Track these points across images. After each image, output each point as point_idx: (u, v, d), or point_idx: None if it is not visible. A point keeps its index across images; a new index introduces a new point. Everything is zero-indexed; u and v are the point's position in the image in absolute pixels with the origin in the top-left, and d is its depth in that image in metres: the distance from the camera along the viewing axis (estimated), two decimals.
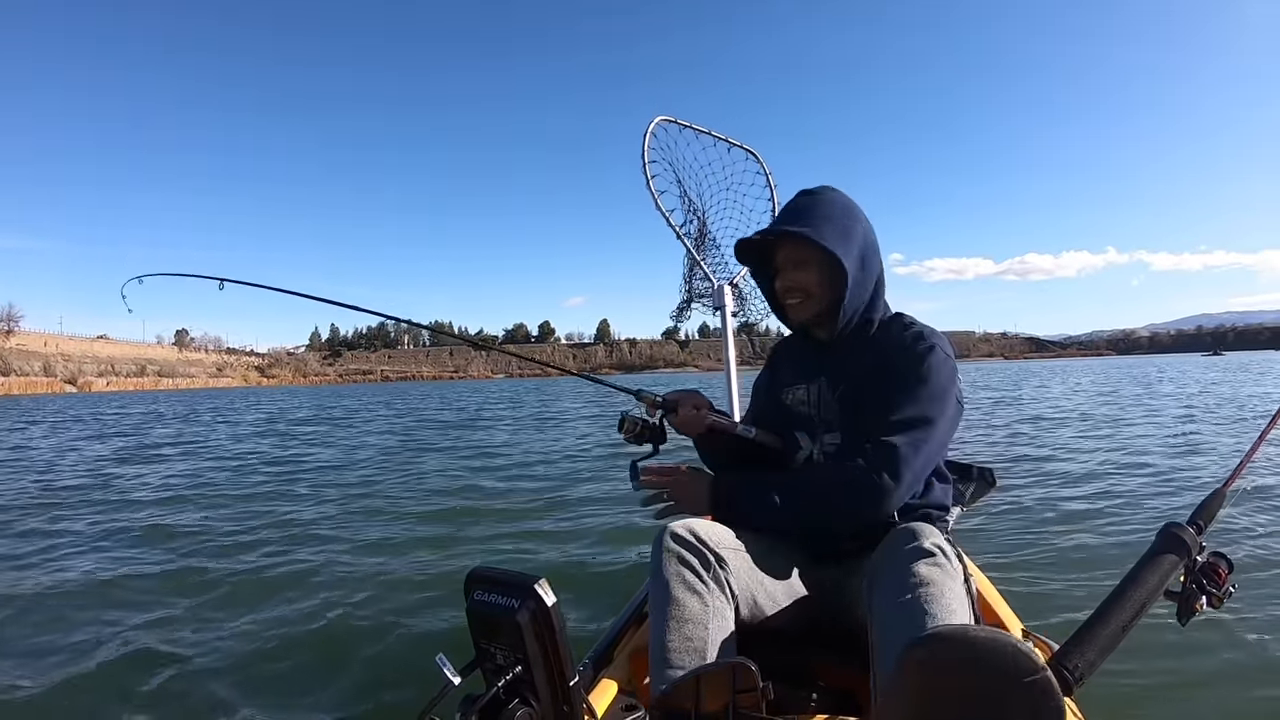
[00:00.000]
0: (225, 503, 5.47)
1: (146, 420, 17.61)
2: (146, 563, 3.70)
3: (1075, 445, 7.15)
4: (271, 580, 3.34)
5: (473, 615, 0.83)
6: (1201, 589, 1.01)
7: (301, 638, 2.64)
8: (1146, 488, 4.91)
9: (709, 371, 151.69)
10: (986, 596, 1.60)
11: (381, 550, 3.87)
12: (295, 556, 3.76)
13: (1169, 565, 1.01)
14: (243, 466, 7.83)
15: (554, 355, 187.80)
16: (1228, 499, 1.09)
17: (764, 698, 0.93)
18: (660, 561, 1.18)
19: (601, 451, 8.09)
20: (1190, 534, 1.03)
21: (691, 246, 2.67)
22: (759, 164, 2.73)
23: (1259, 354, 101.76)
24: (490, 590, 0.82)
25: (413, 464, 7.65)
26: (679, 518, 1.27)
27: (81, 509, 5.30)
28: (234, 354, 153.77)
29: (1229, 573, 1.02)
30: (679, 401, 1.38)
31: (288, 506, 5.23)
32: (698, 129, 2.64)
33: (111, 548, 4.07)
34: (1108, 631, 0.97)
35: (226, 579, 3.35)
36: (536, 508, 4.97)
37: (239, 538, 4.22)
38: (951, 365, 1.25)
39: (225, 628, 2.75)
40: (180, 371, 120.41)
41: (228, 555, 3.82)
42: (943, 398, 1.21)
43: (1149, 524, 3.84)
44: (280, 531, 4.35)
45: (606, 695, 1.22)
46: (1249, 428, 8.04)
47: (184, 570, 3.54)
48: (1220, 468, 5.29)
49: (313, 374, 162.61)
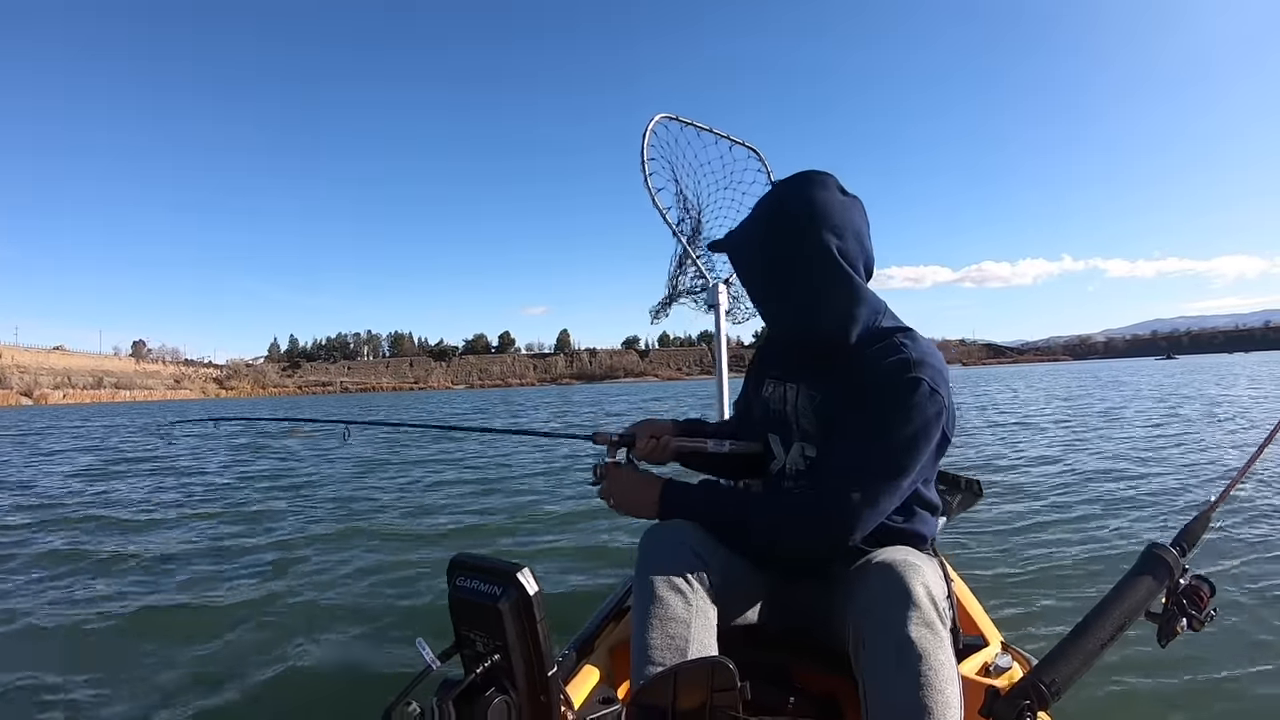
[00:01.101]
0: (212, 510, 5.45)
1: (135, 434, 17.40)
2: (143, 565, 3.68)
3: (1055, 455, 7.18)
4: (258, 562, 3.34)
5: (454, 601, 0.82)
6: (1182, 611, 1.01)
7: (283, 611, 2.64)
8: (1129, 500, 4.94)
9: (669, 380, 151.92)
10: (968, 609, 1.60)
11: (366, 538, 3.86)
12: (275, 539, 3.75)
13: (1150, 586, 1.01)
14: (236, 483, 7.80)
15: (514, 365, 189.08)
16: (1212, 522, 1.09)
17: (742, 697, 0.93)
18: (646, 561, 1.18)
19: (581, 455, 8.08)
20: (1173, 556, 1.03)
21: (686, 243, 2.67)
22: (761, 162, 2.72)
23: (1212, 357, 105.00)
24: (472, 577, 0.81)
25: (400, 473, 7.64)
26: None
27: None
28: (192, 365, 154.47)
29: (1210, 596, 1.02)
30: (635, 435, 1.37)
31: (282, 507, 5.22)
32: (699, 126, 2.62)
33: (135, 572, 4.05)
34: (1086, 648, 0.97)
35: (217, 559, 3.34)
36: (517, 505, 4.98)
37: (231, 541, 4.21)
38: (939, 400, 1.12)
39: (216, 602, 2.74)
40: (138, 383, 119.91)
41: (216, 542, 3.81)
42: (920, 441, 1.12)
43: (1128, 538, 3.87)
44: (265, 522, 4.34)
45: (584, 687, 1.22)
46: (1221, 430, 8.07)
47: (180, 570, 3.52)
48: (1193, 479, 5.32)
49: (271, 385, 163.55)
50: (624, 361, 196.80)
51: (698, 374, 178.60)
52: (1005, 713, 0.95)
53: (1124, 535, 4.02)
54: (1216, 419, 10.24)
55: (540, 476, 6.43)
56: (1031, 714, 0.94)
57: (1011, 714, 0.95)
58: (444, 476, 6.69)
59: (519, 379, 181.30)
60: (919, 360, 1.13)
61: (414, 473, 7.15)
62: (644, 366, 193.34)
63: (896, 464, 1.12)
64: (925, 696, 0.96)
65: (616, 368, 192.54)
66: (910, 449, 1.12)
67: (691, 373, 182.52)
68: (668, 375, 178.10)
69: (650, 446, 1.37)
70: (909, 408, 1.11)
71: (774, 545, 1.18)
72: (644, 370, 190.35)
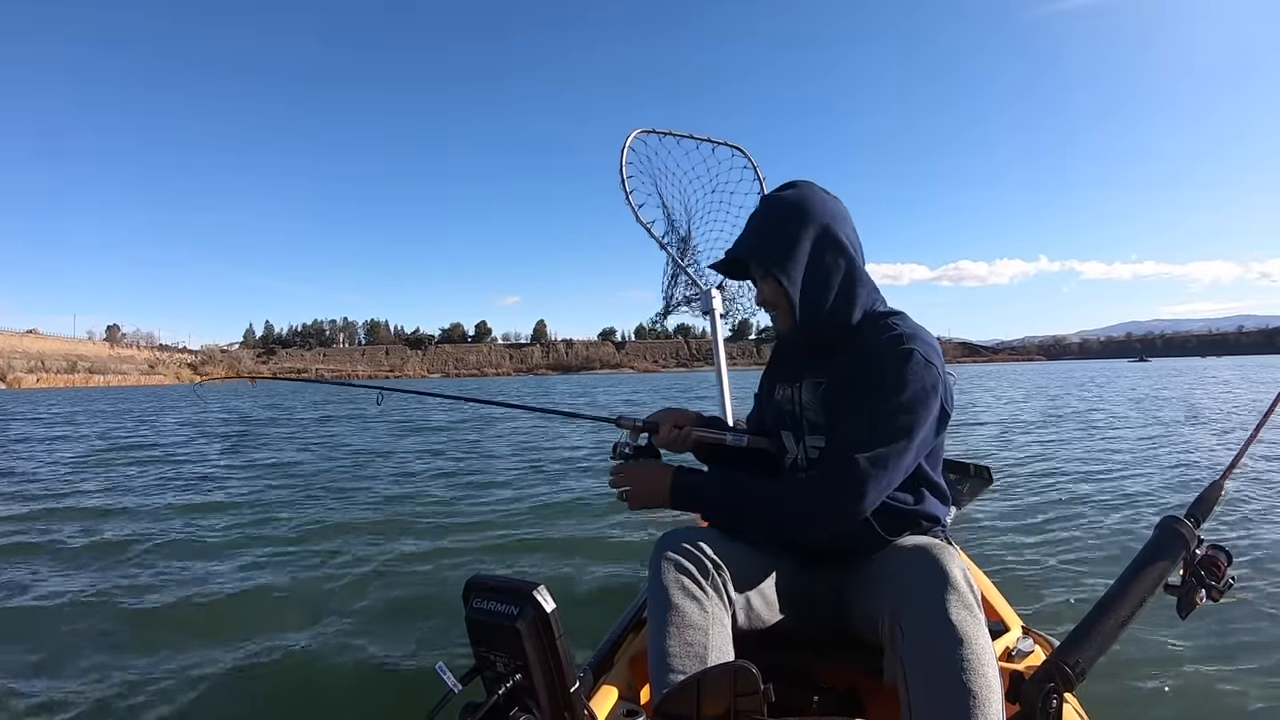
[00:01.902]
0: (217, 508, 5.43)
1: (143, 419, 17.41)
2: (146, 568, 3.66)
3: (1049, 451, 7.19)
4: (265, 591, 3.32)
5: (472, 623, 0.82)
6: (1200, 582, 1.00)
7: (299, 650, 2.62)
8: (1139, 482, 4.94)
9: (645, 372, 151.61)
10: (986, 594, 1.60)
11: (377, 556, 3.84)
12: (291, 563, 3.73)
13: (1168, 559, 1.01)
14: (225, 472, 7.77)
15: (490, 355, 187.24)
16: (1225, 492, 1.09)
17: (765, 700, 0.93)
18: (659, 568, 1.18)
19: (593, 451, 8.08)
20: (1188, 527, 1.02)
21: (675, 255, 2.66)
22: (746, 159, 2.71)
23: (1185, 360, 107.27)
24: (489, 598, 0.81)
25: (411, 468, 7.62)
26: (676, 526, 1.28)
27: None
28: (166, 351, 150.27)
29: (1228, 565, 1.02)
30: (659, 423, 1.41)
31: (280, 514, 5.19)
32: (678, 134, 2.61)
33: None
34: (1107, 627, 0.97)
35: (221, 591, 3.32)
36: (529, 510, 4.96)
37: (235, 543, 4.19)
38: (934, 371, 1.16)
39: (222, 641, 2.72)
40: (112, 368, 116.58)
41: (223, 562, 3.79)
42: (918, 407, 1.14)
43: (1140, 517, 3.86)
44: (273, 540, 4.32)
45: (607, 701, 1.21)
46: (1221, 423, 8.09)
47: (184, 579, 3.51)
48: (1204, 455, 5.33)
49: (247, 372, 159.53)
50: (600, 353, 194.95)
51: (674, 366, 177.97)
52: (1031, 696, 0.95)
53: (1133, 515, 4.02)
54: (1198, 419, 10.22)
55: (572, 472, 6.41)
56: (1058, 696, 0.93)
57: (1038, 698, 0.94)
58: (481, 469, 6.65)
59: (495, 369, 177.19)
60: (910, 334, 1.19)
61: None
62: (620, 358, 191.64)
63: (897, 427, 1.13)
64: (970, 680, 0.96)
65: (593, 359, 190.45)
66: (909, 412, 1.14)
67: (668, 365, 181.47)
68: (643, 368, 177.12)
69: (672, 435, 1.40)
70: (904, 375, 1.14)
71: (784, 522, 1.19)
72: (620, 362, 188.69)
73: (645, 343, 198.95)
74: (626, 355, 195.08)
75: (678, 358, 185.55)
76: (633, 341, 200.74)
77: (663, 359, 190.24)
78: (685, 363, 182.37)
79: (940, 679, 0.97)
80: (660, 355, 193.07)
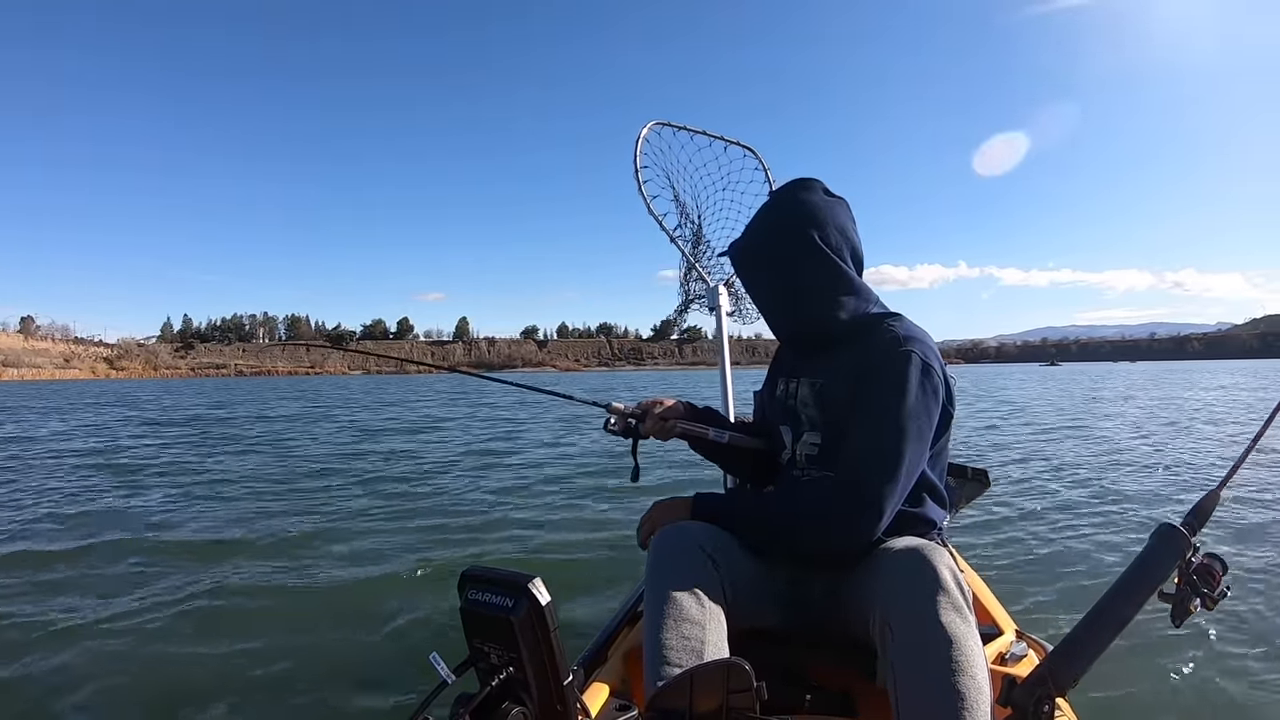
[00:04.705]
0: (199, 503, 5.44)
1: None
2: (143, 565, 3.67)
3: (1056, 447, 7.19)
4: (260, 584, 3.32)
5: (466, 614, 0.82)
6: (1195, 590, 1.00)
7: (294, 638, 2.63)
8: (1135, 487, 4.94)
9: (566, 371, 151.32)
10: (980, 597, 1.60)
11: (371, 549, 3.85)
12: (282, 556, 3.74)
13: (1163, 566, 1.01)
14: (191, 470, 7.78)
15: (412, 352, 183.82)
16: (1222, 501, 1.09)
17: (758, 697, 0.93)
18: (657, 563, 1.19)
19: (593, 448, 8.09)
20: (1184, 535, 1.02)
21: (687, 250, 2.66)
22: (757, 160, 2.71)
23: (1096, 365, 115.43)
24: (484, 589, 0.81)
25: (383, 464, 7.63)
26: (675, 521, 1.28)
27: None
28: (82, 344, 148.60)
29: (1223, 574, 1.02)
30: (645, 413, 1.44)
31: (274, 506, 5.21)
32: (692, 130, 2.61)
33: None
34: (1101, 632, 0.97)
35: (215, 582, 3.33)
36: (526, 504, 4.96)
37: (229, 542, 4.20)
38: (934, 374, 1.18)
39: (218, 632, 2.73)
40: (26, 361, 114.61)
41: (215, 559, 3.80)
42: (919, 412, 1.15)
43: (1135, 526, 3.86)
44: (269, 533, 4.33)
45: (600, 695, 1.21)
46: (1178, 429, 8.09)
47: (173, 573, 3.52)
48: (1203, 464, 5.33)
49: (164, 367, 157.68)
50: (523, 351, 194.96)
51: (595, 365, 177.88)
52: (1023, 701, 0.95)
53: (1130, 521, 4.02)
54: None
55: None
56: (1049, 701, 0.93)
57: (1029, 702, 0.95)
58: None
59: (417, 368, 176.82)
60: (908, 336, 1.21)
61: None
62: (542, 357, 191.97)
63: (904, 436, 1.14)
64: (959, 682, 0.96)
65: (515, 357, 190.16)
66: (915, 419, 1.15)
67: (589, 364, 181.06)
68: (565, 366, 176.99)
69: (657, 425, 1.43)
70: (904, 379, 1.16)
71: (800, 545, 1.20)
72: (542, 360, 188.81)
73: (567, 341, 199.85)
74: (549, 354, 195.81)
75: (599, 357, 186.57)
76: (555, 340, 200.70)
77: (584, 358, 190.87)
78: (607, 362, 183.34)
79: (929, 680, 0.97)
80: (582, 354, 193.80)
